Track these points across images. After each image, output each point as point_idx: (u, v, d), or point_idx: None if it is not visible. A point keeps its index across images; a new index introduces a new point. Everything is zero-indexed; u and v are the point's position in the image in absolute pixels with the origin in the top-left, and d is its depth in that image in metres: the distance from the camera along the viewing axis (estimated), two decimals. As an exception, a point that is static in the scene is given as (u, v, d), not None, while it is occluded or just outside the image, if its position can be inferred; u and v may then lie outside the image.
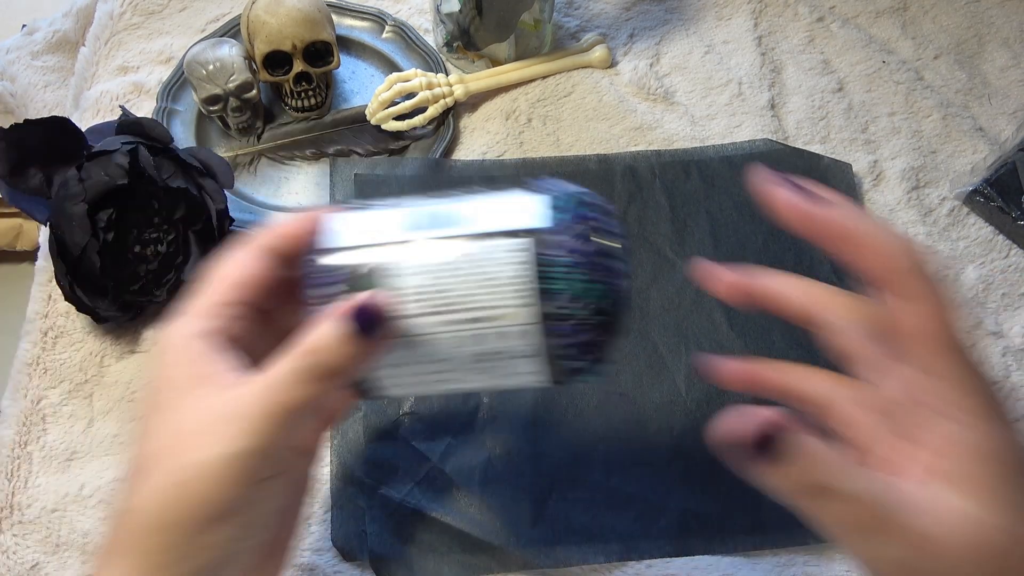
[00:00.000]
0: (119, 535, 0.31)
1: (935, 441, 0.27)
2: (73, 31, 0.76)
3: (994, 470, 0.26)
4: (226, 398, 0.31)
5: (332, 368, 0.30)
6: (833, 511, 0.27)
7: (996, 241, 0.59)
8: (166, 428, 0.31)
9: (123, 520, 0.31)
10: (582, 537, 0.48)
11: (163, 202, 0.53)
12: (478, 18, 0.62)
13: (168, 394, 0.32)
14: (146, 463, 0.31)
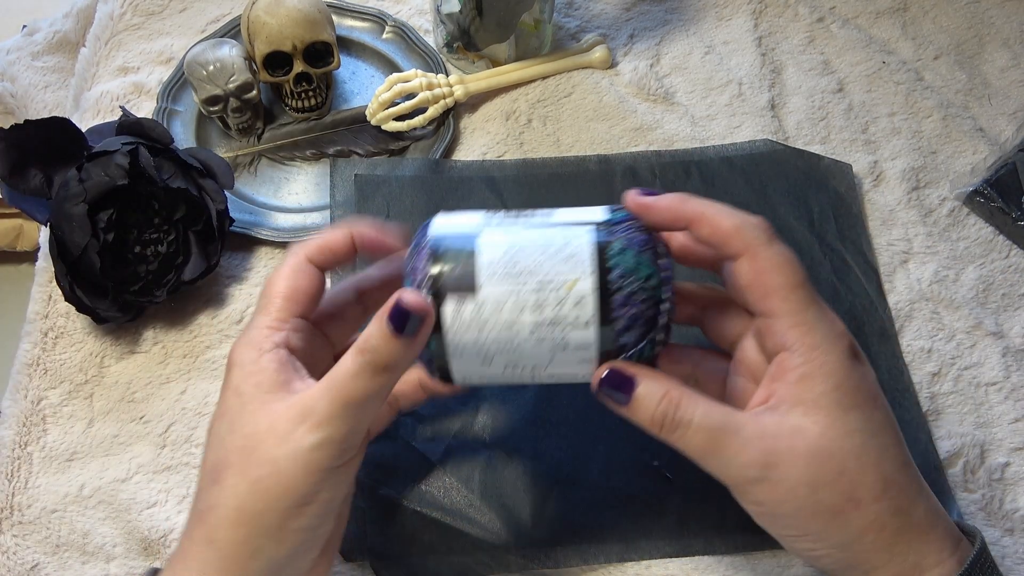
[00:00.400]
0: (197, 531, 0.35)
1: (790, 377, 0.35)
2: (73, 31, 0.76)
3: (832, 396, 0.34)
4: (294, 399, 0.34)
5: (382, 363, 0.33)
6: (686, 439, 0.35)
7: (996, 241, 0.59)
8: (237, 434, 0.35)
9: (201, 518, 0.35)
10: (582, 537, 0.48)
11: (163, 202, 0.53)
12: (478, 18, 0.62)
13: (238, 404, 0.35)
14: (220, 467, 0.35)
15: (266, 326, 0.37)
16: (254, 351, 0.36)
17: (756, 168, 0.60)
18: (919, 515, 0.35)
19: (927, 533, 0.35)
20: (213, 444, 0.36)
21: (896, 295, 0.57)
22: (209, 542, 0.34)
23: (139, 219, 0.53)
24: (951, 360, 0.54)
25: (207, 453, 0.36)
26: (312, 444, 0.33)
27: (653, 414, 0.35)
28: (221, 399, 0.37)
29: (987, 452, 0.51)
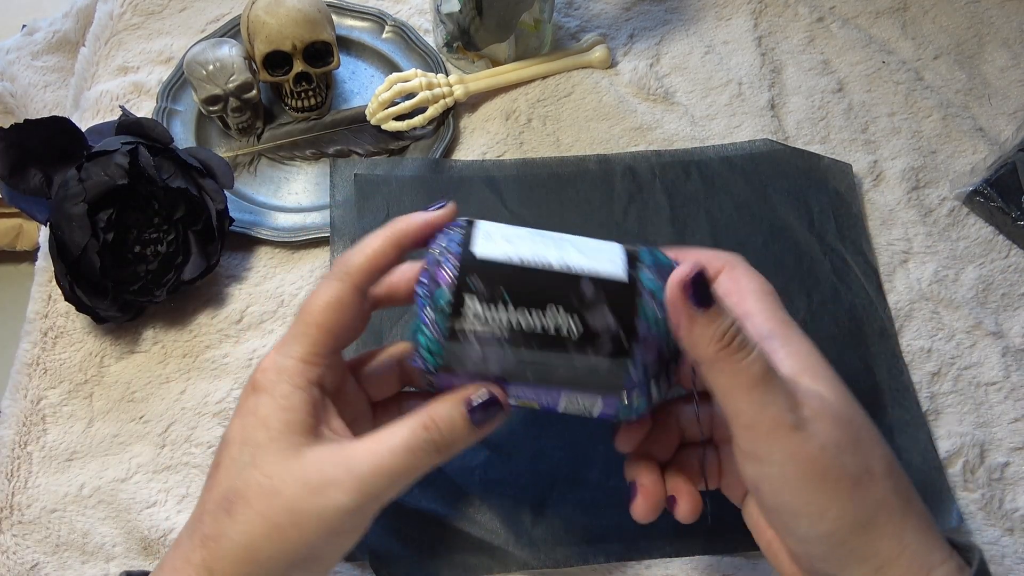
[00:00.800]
0: (196, 555, 0.34)
1: (795, 355, 0.35)
2: (73, 31, 0.76)
3: (830, 371, 0.35)
4: (331, 452, 0.34)
5: (446, 445, 0.34)
6: (743, 365, 0.32)
7: (996, 241, 0.59)
8: (260, 471, 0.34)
9: (204, 543, 0.33)
10: (582, 537, 0.48)
11: (163, 202, 0.53)
12: (478, 18, 0.62)
13: (265, 438, 0.34)
14: (235, 498, 0.33)
15: (302, 359, 0.35)
16: (287, 384, 0.35)
17: (756, 168, 0.60)
18: (917, 505, 0.34)
19: (929, 528, 0.34)
20: (229, 469, 0.34)
21: (896, 295, 0.57)
22: (208, 571, 0.33)
23: (139, 219, 0.53)
24: (951, 360, 0.54)
25: (220, 474, 0.35)
26: (344, 507, 0.33)
27: (727, 329, 0.32)
28: (243, 422, 0.35)
29: (987, 452, 0.51)
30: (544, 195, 0.59)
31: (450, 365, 0.35)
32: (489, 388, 0.35)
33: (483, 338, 0.34)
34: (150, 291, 0.53)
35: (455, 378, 0.36)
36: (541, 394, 0.36)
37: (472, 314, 0.34)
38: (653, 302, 0.35)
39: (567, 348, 0.34)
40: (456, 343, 0.34)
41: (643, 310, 0.35)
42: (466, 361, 0.35)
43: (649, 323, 0.35)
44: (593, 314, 0.34)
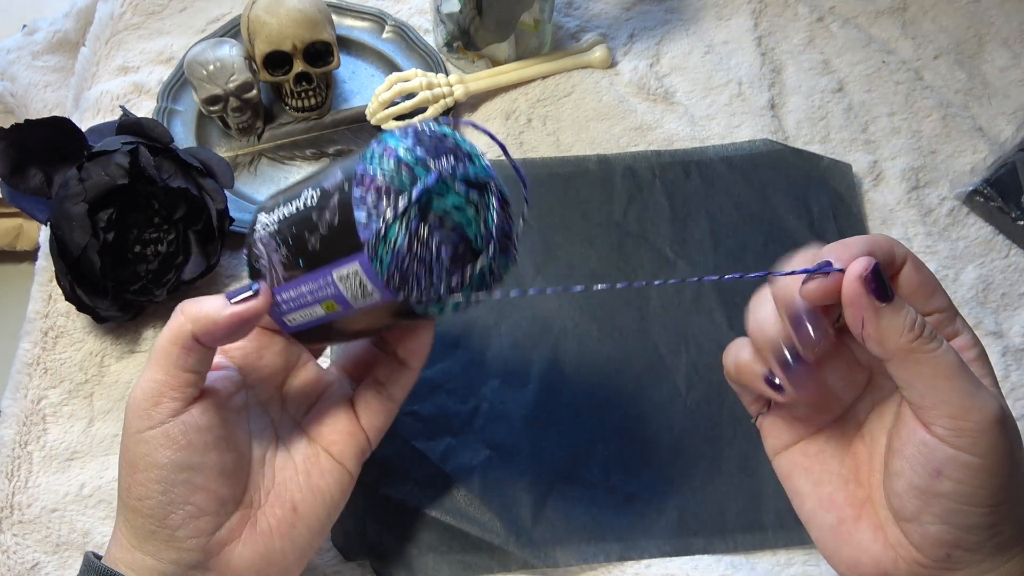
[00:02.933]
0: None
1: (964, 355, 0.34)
2: (73, 31, 0.76)
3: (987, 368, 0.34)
4: None
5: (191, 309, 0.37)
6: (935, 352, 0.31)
7: (996, 241, 0.59)
8: None
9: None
10: (582, 537, 0.48)
11: (163, 202, 0.53)
12: (478, 18, 0.62)
13: None
14: None
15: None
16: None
17: (756, 168, 0.61)
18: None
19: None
20: None
21: (896, 295, 0.57)
22: (115, 521, 0.38)
23: (139, 218, 0.53)
24: (951, 360, 0.54)
25: None
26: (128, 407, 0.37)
27: (915, 319, 0.32)
28: None
29: (987, 452, 0.51)
30: (544, 195, 0.59)
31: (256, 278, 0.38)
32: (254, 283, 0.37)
33: (263, 238, 0.37)
34: (150, 291, 0.53)
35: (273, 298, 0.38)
36: (322, 284, 0.36)
37: (259, 224, 0.38)
38: (378, 145, 0.34)
39: (312, 220, 0.35)
40: (253, 257, 0.38)
41: (364, 156, 0.34)
42: (262, 268, 0.38)
43: (367, 163, 0.33)
44: (328, 176, 0.35)
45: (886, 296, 0.32)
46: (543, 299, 0.56)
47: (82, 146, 0.53)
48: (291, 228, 0.36)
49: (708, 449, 0.51)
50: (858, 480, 0.36)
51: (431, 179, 0.33)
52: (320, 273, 0.35)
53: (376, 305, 0.35)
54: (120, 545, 0.37)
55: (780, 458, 0.38)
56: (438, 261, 0.34)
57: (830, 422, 0.38)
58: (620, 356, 0.54)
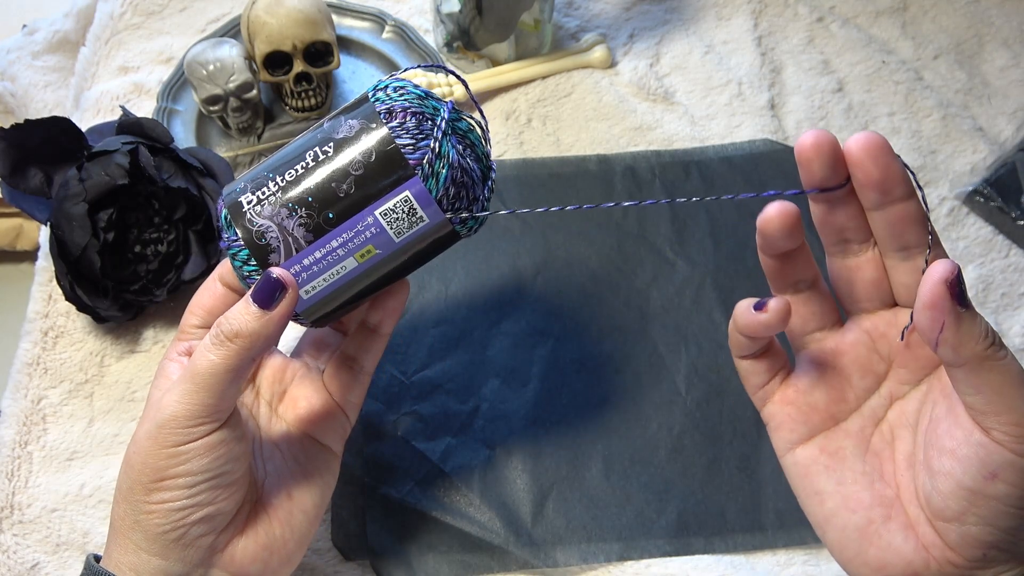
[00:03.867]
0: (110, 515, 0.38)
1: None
2: (73, 31, 0.76)
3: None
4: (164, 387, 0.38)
5: (240, 333, 0.35)
6: (1005, 360, 0.31)
7: (996, 241, 0.59)
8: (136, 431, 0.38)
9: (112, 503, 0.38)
10: (582, 537, 0.48)
11: (163, 202, 0.53)
12: (478, 18, 0.62)
13: (148, 406, 0.38)
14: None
15: (176, 338, 0.41)
16: (164, 360, 0.40)
17: (756, 168, 0.61)
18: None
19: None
20: None
21: (896, 295, 0.57)
22: (112, 524, 0.38)
23: (139, 218, 0.53)
24: (951, 360, 0.54)
25: None
26: (160, 421, 0.35)
27: (988, 327, 0.31)
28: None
29: (987, 452, 0.51)
30: (544, 195, 0.59)
31: (264, 257, 0.37)
32: (269, 271, 0.35)
33: (267, 212, 0.36)
34: (150, 291, 0.53)
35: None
36: (361, 230, 0.36)
37: (248, 204, 0.37)
38: (383, 90, 0.37)
39: (335, 169, 0.36)
40: (254, 237, 0.36)
41: (377, 98, 0.36)
42: (271, 242, 0.36)
43: (387, 100, 0.36)
44: (338, 130, 0.36)
45: (966, 302, 0.31)
46: (543, 299, 0.56)
47: (82, 146, 0.53)
48: (308, 186, 0.36)
49: (708, 449, 0.51)
50: (883, 479, 0.36)
51: (450, 104, 0.37)
52: (358, 218, 0.36)
53: (422, 232, 0.37)
54: (123, 547, 0.37)
55: (795, 454, 0.37)
56: (472, 175, 0.37)
57: (846, 415, 0.37)
58: (620, 356, 0.54)
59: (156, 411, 0.36)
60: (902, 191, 0.34)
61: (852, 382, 0.37)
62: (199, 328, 0.41)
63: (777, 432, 0.38)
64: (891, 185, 0.33)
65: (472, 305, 0.55)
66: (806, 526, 0.49)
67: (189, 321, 0.41)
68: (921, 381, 0.36)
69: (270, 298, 0.35)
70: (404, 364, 0.53)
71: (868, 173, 0.34)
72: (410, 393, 0.52)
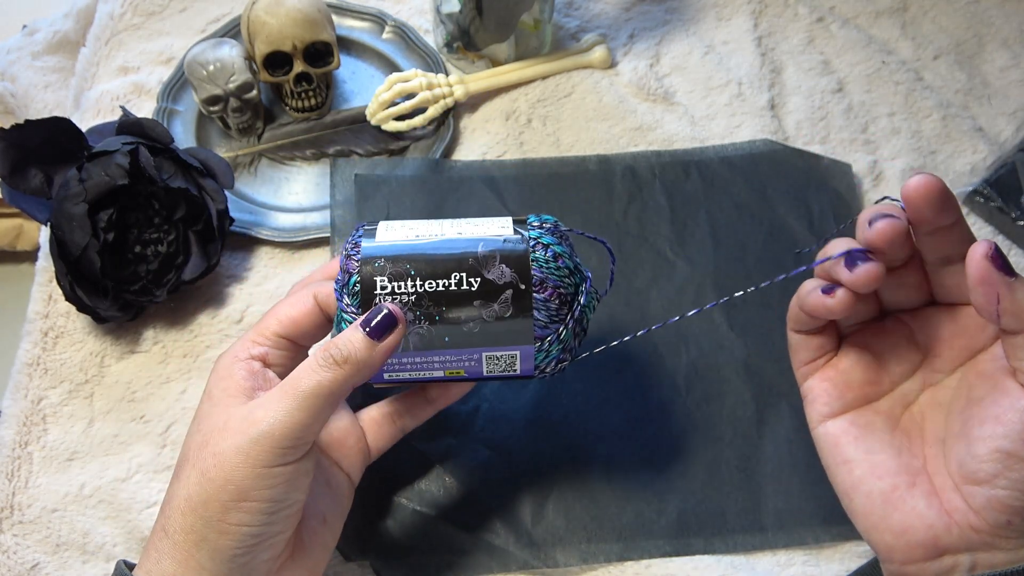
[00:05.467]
0: (158, 523, 0.37)
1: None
2: (73, 31, 0.76)
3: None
4: (252, 401, 0.37)
5: (348, 359, 0.35)
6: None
7: (996, 241, 0.59)
8: (199, 432, 0.36)
9: (162, 510, 0.37)
10: (582, 537, 0.48)
11: (163, 202, 0.53)
12: (478, 18, 0.62)
13: (207, 407, 0.38)
14: (181, 463, 0.37)
15: (250, 339, 0.40)
16: (230, 359, 0.39)
17: (756, 168, 0.61)
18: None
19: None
20: (184, 444, 0.38)
21: (896, 295, 0.57)
22: (164, 531, 0.36)
23: (139, 219, 0.53)
24: (951, 360, 0.54)
25: (184, 444, 0.38)
26: (254, 436, 0.34)
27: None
28: (201, 401, 0.39)
29: (987, 452, 0.51)
30: (544, 195, 0.59)
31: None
32: (384, 305, 0.37)
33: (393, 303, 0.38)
34: (150, 291, 0.53)
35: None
36: (463, 358, 0.38)
37: (382, 290, 0.37)
38: (543, 248, 0.39)
39: (473, 305, 0.37)
40: (372, 300, 0.38)
41: (535, 256, 0.38)
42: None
43: (542, 266, 0.38)
44: (490, 268, 0.38)
45: (1012, 271, 0.33)
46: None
47: (82, 146, 0.53)
48: (440, 307, 0.37)
49: (708, 449, 0.51)
50: (911, 451, 0.37)
51: (588, 286, 0.40)
52: (468, 352, 0.38)
53: (506, 377, 0.40)
54: (182, 563, 0.35)
55: (826, 425, 0.39)
56: (576, 348, 0.40)
57: (879, 396, 0.38)
58: (620, 356, 0.54)
59: (249, 424, 0.35)
60: (951, 219, 0.35)
61: (888, 367, 0.38)
62: (279, 337, 0.40)
63: (812, 405, 0.40)
64: (942, 220, 0.35)
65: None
66: (806, 526, 0.49)
67: (271, 327, 0.40)
68: (956, 370, 0.37)
69: (382, 331, 0.36)
70: (404, 364, 0.53)
71: (922, 216, 0.35)
72: (410, 393, 0.52)
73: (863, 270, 0.34)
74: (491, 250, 0.38)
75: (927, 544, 0.35)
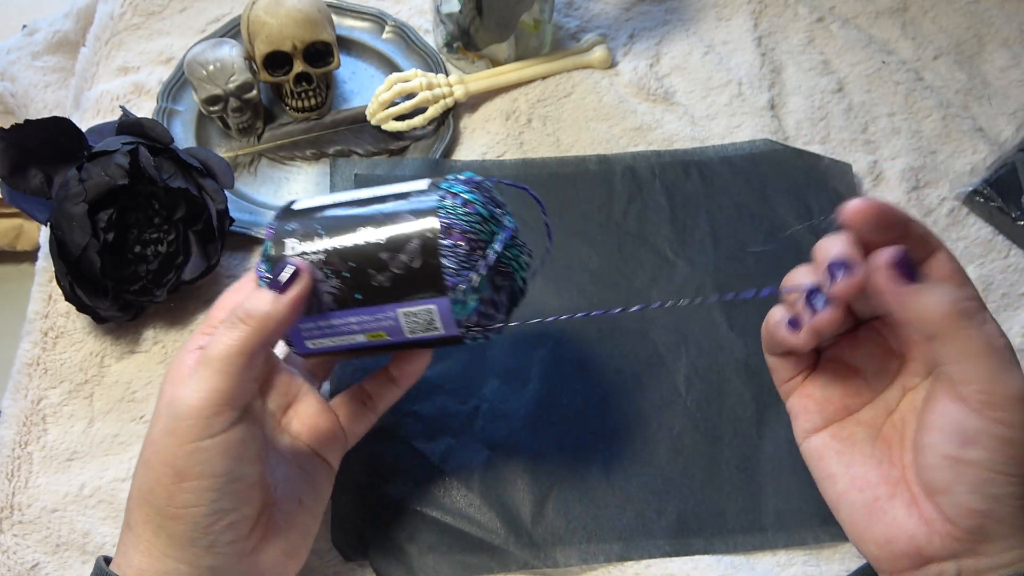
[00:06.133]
0: (124, 516, 0.37)
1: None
2: (73, 31, 0.76)
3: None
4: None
5: (248, 312, 0.35)
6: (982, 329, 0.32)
7: (996, 241, 0.59)
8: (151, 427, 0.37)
9: (127, 504, 0.37)
10: (582, 537, 0.48)
11: (163, 202, 0.53)
12: (478, 18, 0.62)
13: (159, 399, 0.38)
14: (138, 460, 0.37)
15: (199, 331, 0.40)
16: (181, 353, 0.39)
17: (756, 168, 0.61)
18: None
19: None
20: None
21: (896, 295, 0.57)
22: (128, 526, 0.37)
23: (139, 219, 0.53)
24: (951, 360, 0.54)
25: None
26: (177, 413, 0.35)
27: (954, 297, 0.32)
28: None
29: (987, 452, 0.51)
30: (544, 195, 0.59)
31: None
32: (287, 260, 0.37)
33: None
34: (150, 291, 0.53)
35: (300, 322, 0.39)
36: (380, 317, 0.38)
37: (291, 251, 0.38)
38: (452, 197, 0.37)
39: (380, 258, 0.37)
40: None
41: (443, 205, 0.37)
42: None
43: (450, 213, 0.37)
44: (398, 220, 0.37)
45: (916, 277, 0.32)
46: (543, 299, 0.56)
47: (82, 146, 0.53)
48: (347, 262, 0.37)
49: (708, 449, 0.51)
50: (891, 461, 0.37)
51: (507, 234, 0.38)
52: (382, 308, 0.37)
53: (432, 338, 0.38)
54: (146, 553, 0.36)
55: (810, 441, 0.39)
56: (503, 304, 0.38)
57: (860, 406, 0.38)
58: (620, 356, 0.54)
59: (170, 405, 0.35)
60: (897, 233, 0.34)
61: (867, 377, 0.38)
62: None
63: (796, 421, 0.40)
64: (889, 237, 0.34)
65: (472, 305, 0.55)
66: (806, 526, 0.49)
67: (217, 316, 0.40)
68: (929, 373, 0.37)
69: (284, 284, 0.36)
70: (404, 364, 0.53)
71: (867, 239, 0.34)
72: (410, 393, 0.52)
73: (822, 318, 0.34)
74: (399, 203, 0.38)
75: (911, 554, 0.35)
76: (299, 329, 0.39)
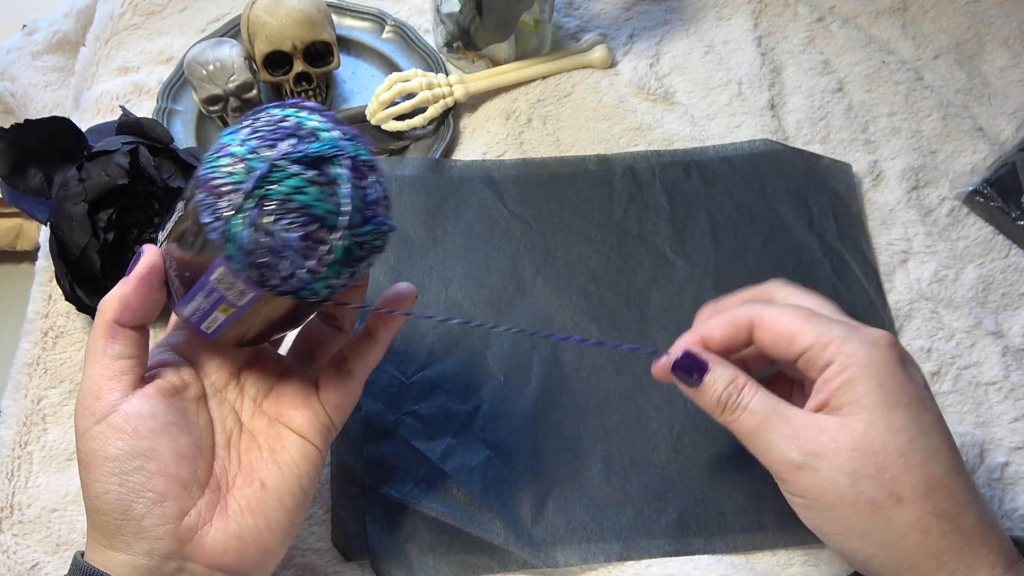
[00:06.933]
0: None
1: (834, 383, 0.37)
2: (73, 31, 0.76)
3: (876, 395, 0.36)
4: None
5: (103, 301, 0.38)
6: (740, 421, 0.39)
7: (996, 241, 0.59)
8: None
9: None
10: (582, 537, 0.48)
11: (163, 202, 0.53)
12: (478, 18, 0.62)
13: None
14: None
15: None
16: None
17: (756, 168, 0.61)
18: (969, 523, 0.35)
19: (978, 545, 0.35)
20: None
21: (896, 295, 0.57)
22: (86, 512, 0.38)
23: (139, 218, 0.53)
24: (951, 360, 0.54)
25: None
26: (76, 410, 0.38)
27: (719, 396, 0.39)
28: None
29: (987, 451, 0.51)
30: (544, 195, 0.59)
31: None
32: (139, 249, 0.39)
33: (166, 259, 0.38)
34: (150, 291, 0.53)
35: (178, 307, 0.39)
36: (208, 290, 0.36)
37: (159, 244, 0.39)
38: (214, 147, 0.34)
39: (181, 230, 0.36)
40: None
41: (204, 157, 0.34)
42: (169, 281, 0.39)
43: (204, 165, 0.34)
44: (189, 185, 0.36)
45: (692, 382, 0.40)
46: (544, 299, 0.56)
47: (82, 146, 0.53)
48: (168, 245, 0.37)
49: (708, 449, 0.51)
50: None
51: (262, 168, 0.33)
52: (202, 282, 0.35)
53: (256, 300, 0.35)
54: (92, 548, 0.37)
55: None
56: (288, 247, 0.33)
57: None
58: (620, 356, 0.54)
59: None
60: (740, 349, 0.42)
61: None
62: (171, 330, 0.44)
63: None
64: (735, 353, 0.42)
65: (472, 305, 0.55)
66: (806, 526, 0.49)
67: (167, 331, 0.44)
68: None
69: (132, 266, 0.38)
70: (404, 364, 0.53)
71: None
72: (410, 393, 0.52)
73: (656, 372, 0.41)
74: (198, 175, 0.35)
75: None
76: (189, 318, 0.38)
